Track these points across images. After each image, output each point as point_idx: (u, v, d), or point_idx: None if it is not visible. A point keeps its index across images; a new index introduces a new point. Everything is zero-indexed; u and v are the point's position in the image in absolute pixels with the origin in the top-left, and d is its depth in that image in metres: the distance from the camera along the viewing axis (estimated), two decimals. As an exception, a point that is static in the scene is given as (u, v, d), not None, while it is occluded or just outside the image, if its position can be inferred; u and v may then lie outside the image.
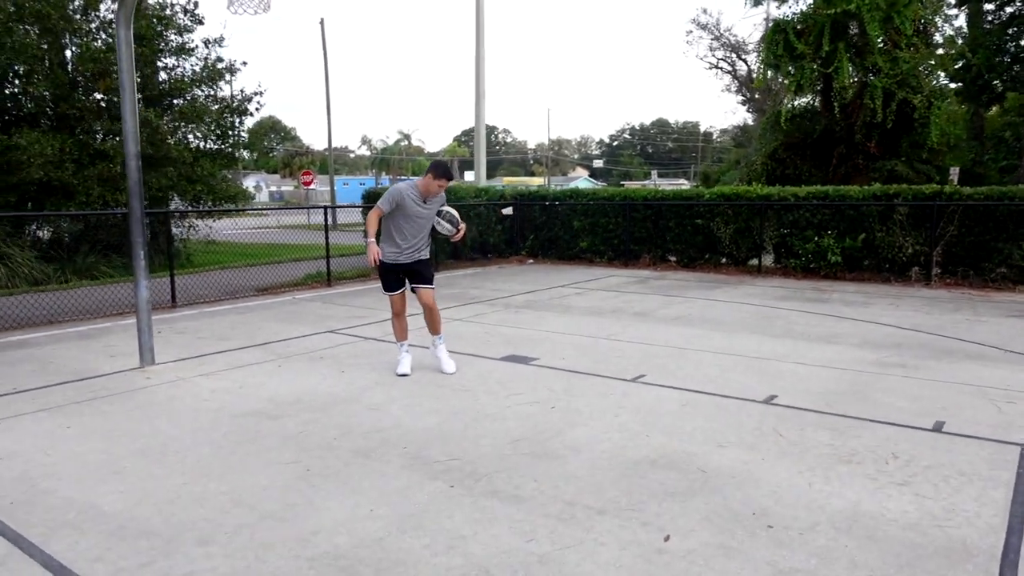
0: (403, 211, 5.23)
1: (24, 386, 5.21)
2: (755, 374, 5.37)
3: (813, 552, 2.75)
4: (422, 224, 5.34)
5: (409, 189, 5.26)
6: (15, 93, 13.78)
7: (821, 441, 3.94)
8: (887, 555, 2.72)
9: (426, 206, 5.30)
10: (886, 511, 3.08)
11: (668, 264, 12.77)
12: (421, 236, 5.38)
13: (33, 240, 13.27)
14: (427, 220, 5.36)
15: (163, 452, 3.87)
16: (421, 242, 5.41)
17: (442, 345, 5.58)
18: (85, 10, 13.81)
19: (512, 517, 3.06)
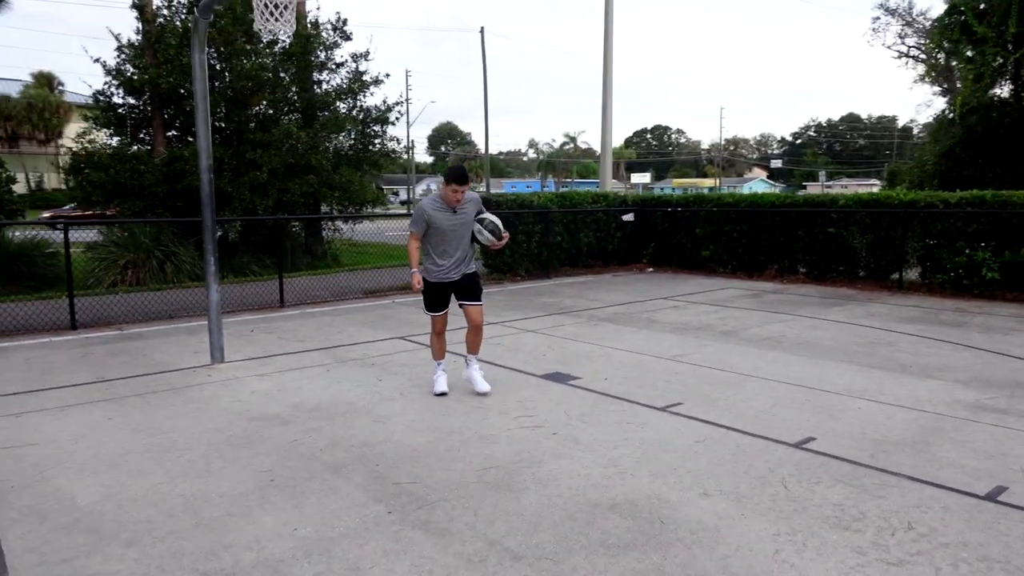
0: (436, 227, 4.98)
1: (107, 376, 5.82)
2: (811, 411, 4.75)
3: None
4: (459, 235, 5.05)
5: (432, 203, 5.04)
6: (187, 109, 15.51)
7: (829, 499, 3.39)
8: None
9: (457, 216, 5.01)
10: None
11: (796, 277, 11.71)
12: (462, 248, 5.09)
13: (197, 241, 14.89)
14: (463, 229, 5.06)
15: (167, 449, 4.13)
16: (465, 254, 5.12)
17: (476, 365, 5.29)
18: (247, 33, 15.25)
19: (422, 552, 2.92)
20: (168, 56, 14.07)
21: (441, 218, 5.00)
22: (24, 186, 40.79)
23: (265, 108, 15.59)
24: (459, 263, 5.10)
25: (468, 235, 5.10)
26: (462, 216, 5.04)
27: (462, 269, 5.11)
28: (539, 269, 12.47)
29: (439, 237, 5.02)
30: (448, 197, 4.97)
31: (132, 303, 8.94)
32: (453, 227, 5.03)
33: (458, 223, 5.04)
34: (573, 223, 13.00)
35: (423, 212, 5.00)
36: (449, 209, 5.01)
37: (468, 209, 5.07)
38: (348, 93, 16.51)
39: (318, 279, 11.66)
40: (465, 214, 5.06)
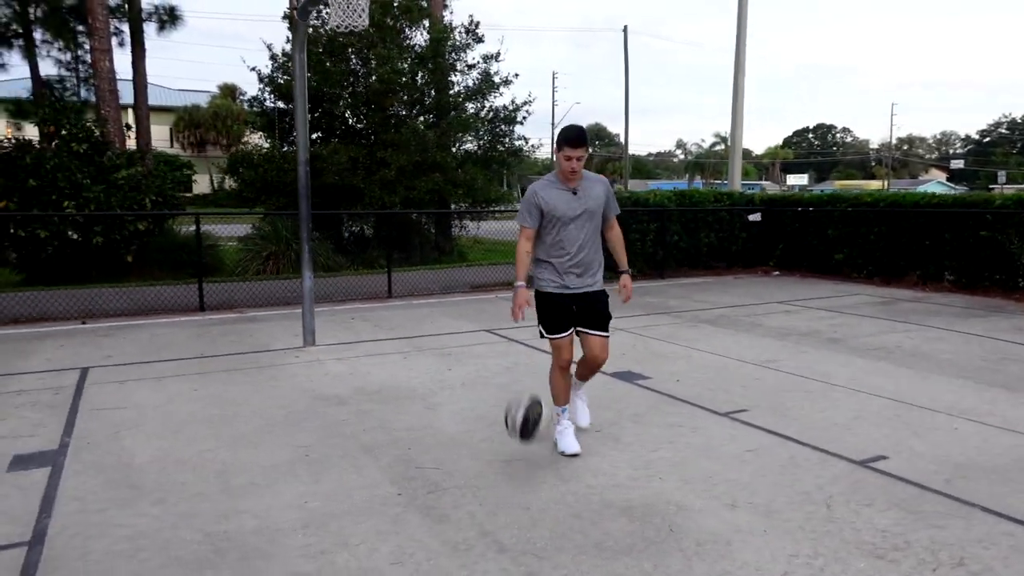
0: (551, 213, 3.72)
1: (208, 353, 6.33)
2: (895, 427, 4.24)
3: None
4: (583, 226, 3.74)
5: (546, 183, 3.80)
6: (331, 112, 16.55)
7: (874, 524, 3.00)
8: None
9: (578, 199, 3.73)
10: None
11: (940, 284, 10.52)
12: (589, 248, 3.79)
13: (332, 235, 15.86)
14: (588, 220, 3.76)
15: (227, 421, 4.42)
16: (591, 257, 3.81)
17: (582, 390, 4.17)
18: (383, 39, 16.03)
19: (412, 535, 2.91)
20: (312, 62, 15.07)
21: (558, 200, 3.72)
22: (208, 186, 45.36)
23: (399, 109, 16.29)
24: (584, 269, 3.78)
25: (596, 229, 3.83)
26: (585, 200, 3.75)
27: (587, 280, 3.79)
28: (653, 269, 12.10)
29: (556, 229, 3.74)
30: (563, 168, 3.68)
31: (261, 290, 9.67)
32: (575, 213, 3.72)
33: (581, 209, 3.73)
34: (692, 222, 12.49)
35: (533, 195, 3.75)
36: (567, 188, 3.74)
37: (594, 192, 3.80)
38: (478, 93, 16.89)
39: (432, 273, 12.04)
40: (590, 198, 3.77)
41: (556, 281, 3.78)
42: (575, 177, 3.71)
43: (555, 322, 3.77)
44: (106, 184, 12.95)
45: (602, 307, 3.81)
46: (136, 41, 16.37)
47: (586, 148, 3.69)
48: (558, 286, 3.77)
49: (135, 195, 13.17)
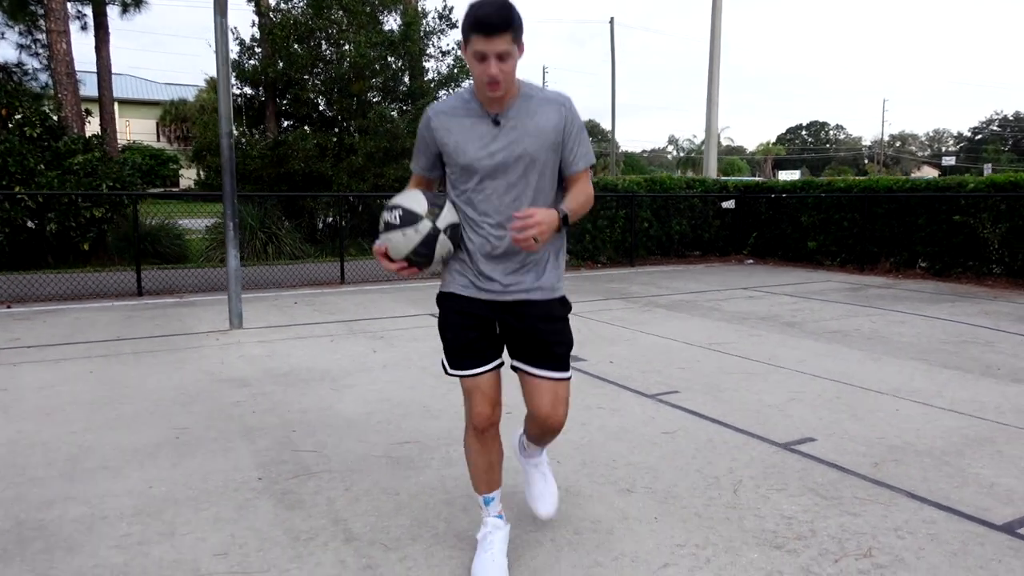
0: (457, 162, 2.11)
1: (125, 335, 5.96)
2: (832, 410, 3.91)
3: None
4: (515, 186, 2.10)
5: (456, 102, 2.13)
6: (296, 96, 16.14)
7: (781, 511, 2.66)
8: None
9: (505, 131, 2.07)
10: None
11: (913, 271, 10.21)
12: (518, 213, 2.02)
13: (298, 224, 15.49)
14: (527, 171, 2.09)
15: (111, 402, 4.06)
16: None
17: (543, 459, 2.53)
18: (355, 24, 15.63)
19: (252, 524, 2.56)
20: (278, 45, 14.69)
21: (467, 135, 2.09)
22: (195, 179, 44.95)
23: (371, 96, 15.90)
24: (520, 260, 2.16)
25: (544, 189, 2.14)
26: (518, 137, 2.07)
27: (523, 280, 2.17)
28: (622, 257, 11.77)
29: (468, 185, 2.13)
30: (476, 76, 2.00)
31: (210, 276, 9.29)
32: (497, 160, 2.07)
33: (509, 155, 2.07)
34: (663, 209, 12.15)
35: (426, 123, 2.15)
36: (485, 115, 2.08)
37: (539, 123, 2.08)
38: (452, 80, 16.50)
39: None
40: (528, 134, 2.08)
41: (465, 276, 2.15)
42: (498, 93, 1.99)
43: (458, 347, 2.16)
44: (61, 170, 12.55)
45: (552, 330, 2.17)
46: (99, 24, 15.91)
47: (516, 40, 1.96)
48: (467, 284, 2.15)
49: (91, 181, 12.76)
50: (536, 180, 2.11)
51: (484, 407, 2.19)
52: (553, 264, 2.22)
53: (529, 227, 1.92)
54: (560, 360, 2.21)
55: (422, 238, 2.05)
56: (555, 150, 2.12)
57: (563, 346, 2.22)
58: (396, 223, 2.04)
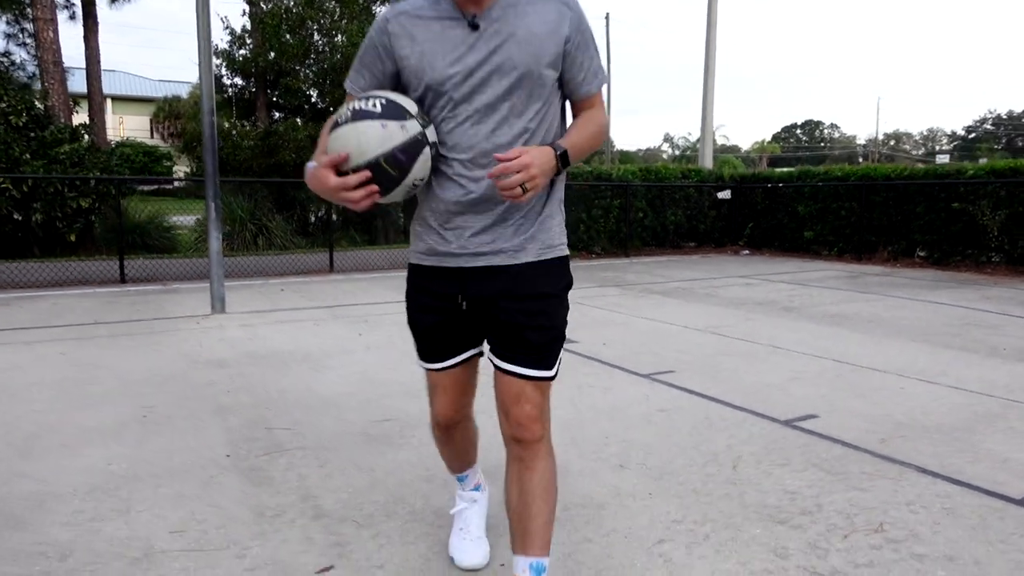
0: (419, 79, 1.56)
1: (104, 320, 5.76)
2: (834, 388, 3.74)
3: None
4: (496, 109, 1.55)
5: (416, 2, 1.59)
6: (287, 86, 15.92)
7: (784, 486, 2.49)
8: None
9: (486, 35, 1.53)
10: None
11: (911, 260, 10.06)
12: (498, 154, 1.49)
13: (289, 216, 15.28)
14: (513, 88, 1.54)
15: (79, 384, 3.86)
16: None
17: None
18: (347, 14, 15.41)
19: (215, 500, 2.37)
20: (268, 35, 14.48)
21: (435, 42, 1.56)
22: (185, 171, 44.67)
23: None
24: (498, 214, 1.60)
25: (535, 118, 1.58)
26: (503, 42, 1.53)
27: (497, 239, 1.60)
28: (617, 247, 11.59)
29: (433, 109, 1.58)
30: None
31: (198, 265, 9.08)
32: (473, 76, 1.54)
33: (489, 65, 1.54)
34: (659, 199, 11.98)
35: (382, 26, 1.60)
36: (459, 16, 1.55)
37: (531, 24, 1.54)
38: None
39: (382, 251, 11.49)
40: (516, 40, 1.53)
41: (426, 240, 1.66)
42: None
43: (418, 335, 1.77)
44: (46, 160, 12.33)
45: (529, 309, 1.60)
46: (87, 14, 15.68)
47: None
48: (428, 250, 1.66)
49: (77, 171, 12.54)
50: (525, 103, 1.54)
51: (445, 407, 1.81)
52: (544, 215, 1.61)
53: (515, 170, 1.42)
54: (535, 352, 1.57)
55: (407, 139, 1.46)
56: (553, 65, 1.56)
57: (543, 333, 1.58)
58: (375, 111, 1.46)
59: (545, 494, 1.64)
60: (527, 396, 1.61)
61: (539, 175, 1.46)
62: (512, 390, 1.62)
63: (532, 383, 1.61)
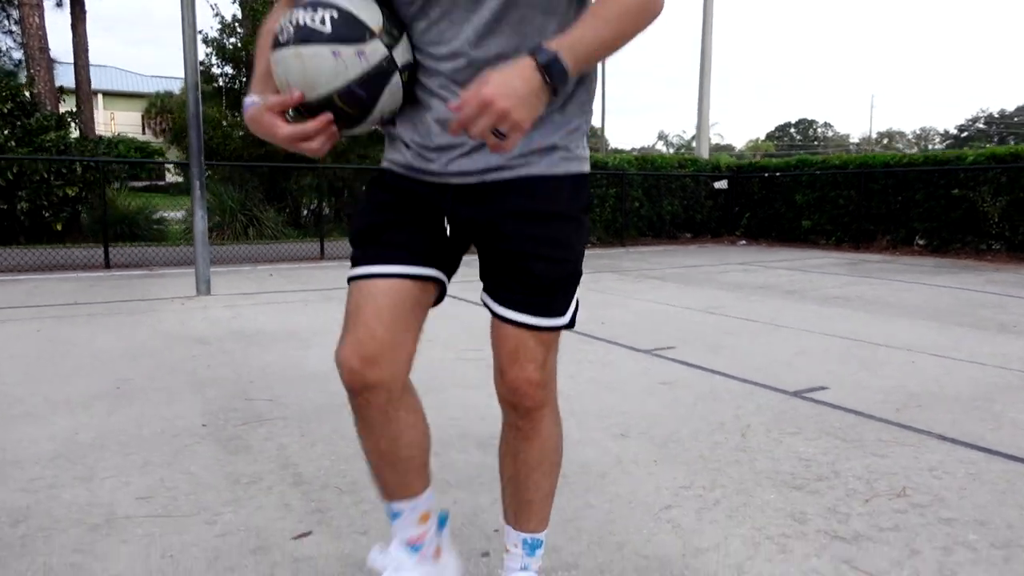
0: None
1: (83, 300, 5.57)
2: (843, 362, 3.59)
3: None
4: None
5: None
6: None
7: (797, 453, 2.33)
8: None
9: None
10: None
11: (911, 248, 9.95)
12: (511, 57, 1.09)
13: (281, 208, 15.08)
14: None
15: (52, 359, 3.68)
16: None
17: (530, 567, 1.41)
18: None
19: (186, 467, 2.20)
20: (257, 20, 14.27)
21: None
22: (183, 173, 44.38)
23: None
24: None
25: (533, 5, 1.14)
26: None
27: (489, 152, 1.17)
28: (613, 237, 11.44)
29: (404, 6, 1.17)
30: None
31: (185, 252, 8.88)
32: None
33: None
34: (655, 188, 11.83)
35: None
36: None
37: None
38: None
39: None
40: None
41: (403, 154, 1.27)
42: None
43: (361, 229, 1.29)
44: (32, 147, 12.09)
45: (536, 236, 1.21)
46: (75, 1, 15.44)
47: None
48: (404, 164, 1.27)
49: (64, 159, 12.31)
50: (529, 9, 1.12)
51: (363, 341, 1.19)
52: (560, 121, 1.21)
53: (473, 116, 0.98)
54: (543, 291, 1.21)
55: (368, 69, 1.11)
56: None
57: (553, 265, 1.21)
58: (323, 31, 1.09)
59: (546, 467, 1.36)
60: (528, 352, 1.23)
61: (513, 107, 0.98)
62: (508, 344, 1.24)
63: (535, 335, 1.23)
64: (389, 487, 1.32)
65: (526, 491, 1.36)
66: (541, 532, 1.40)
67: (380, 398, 1.22)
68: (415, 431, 1.30)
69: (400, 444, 1.27)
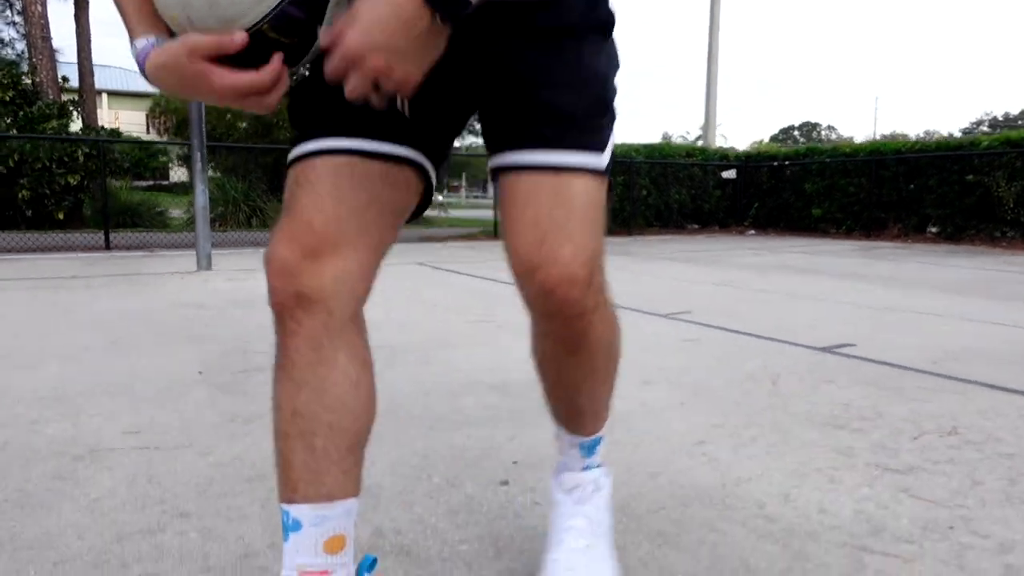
0: None
1: (83, 275, 5.44)
2: (870, 325, 3.43)
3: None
4: None
5: None
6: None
7: (834, 399, 2.18)
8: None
9: None
10: (788, 504, 1.43)
11: (923, 236, 9.78)
12: None
13: (284, 198, 15.00)
14: None
15: (46, 319, 3.54)
16: None
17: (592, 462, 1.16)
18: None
19: (178, 408, 2.06)
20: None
21: None
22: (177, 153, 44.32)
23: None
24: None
25: None
26: None
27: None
28: (620, 226, 11.28)
29: None
30: None
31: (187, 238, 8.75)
32: None
33: None
34: (662, 177, 11.68)
35: None
36: None
37: None
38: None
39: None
40: None
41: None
42: None
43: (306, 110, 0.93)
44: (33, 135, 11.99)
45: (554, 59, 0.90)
46: (78, -8, 15.35)
47: None
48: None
49: (65, 147, 12.21)
50: None
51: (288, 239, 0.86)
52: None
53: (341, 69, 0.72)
54: (560, 122, 0.89)
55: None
56: None
57: (573, 91, 0.90)
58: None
59: (600, 375, 1.06)
60: (555, 222, 0.86)
61: (390, 62, 0.72)
62: (526, 213, 0.88)
63: (567, 187, 0.87)
64: (292, 474, 0.86)
65: (575, 402, 1.09)
66: (599, 433, 1.14)
67: (315, 321, 0.86)
68: (352, 389, 0.89)
69: (326, 400, 0.87)
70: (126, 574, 1.14)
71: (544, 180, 0.87)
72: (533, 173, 0.88)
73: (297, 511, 0.86)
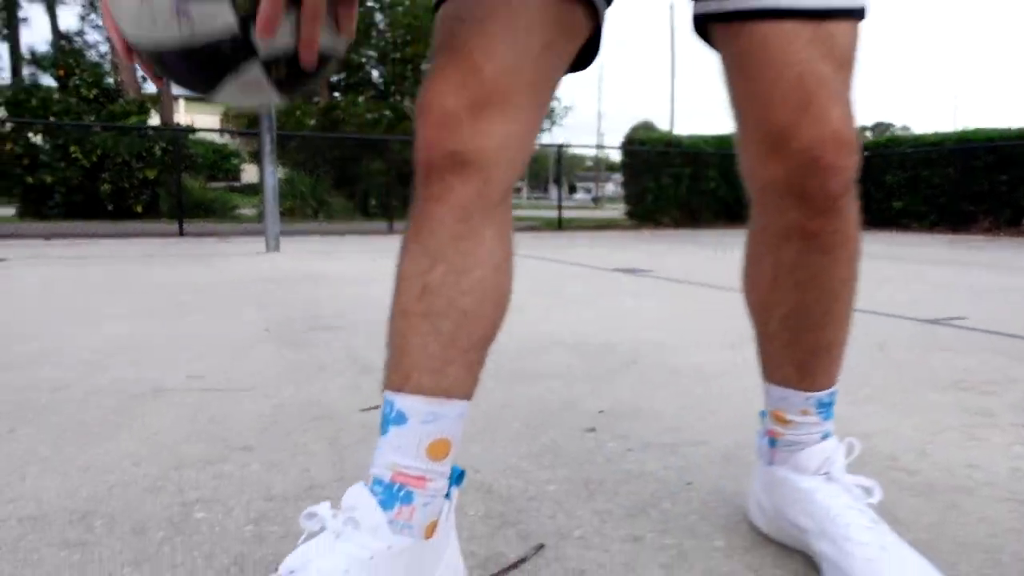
0: None
1: (157, 255, 5.54)
2: (978, 301, 3.14)
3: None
4: None
5: None
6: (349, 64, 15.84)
7: (953, 364, 1.95)
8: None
9: None
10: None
11: (1017, 229, 9.13)
12: None
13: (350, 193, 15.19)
14: None
15: (121, 288, 3.58)
16: None
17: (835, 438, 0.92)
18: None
19: (249, 357, 1.98)
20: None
21: None
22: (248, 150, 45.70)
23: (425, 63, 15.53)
24: None
25: None
26: None
27: None
28: (688, 219, 10.97)
29: None
30: None
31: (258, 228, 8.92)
32: None
33: None
34: (733, 169, 11.25)
35: None
36: None
37: None
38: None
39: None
40: None
41: None
42: None
43: None
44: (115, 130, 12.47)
45: None
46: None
47: None
48: None
49: (144, 142, 12.66)
50: None
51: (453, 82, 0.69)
52: None
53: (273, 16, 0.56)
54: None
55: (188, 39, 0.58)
56: None
57: None
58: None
59: (852, 286, 0.90)
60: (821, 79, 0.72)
61: None
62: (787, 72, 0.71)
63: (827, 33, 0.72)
64: (406, 360, 0.74)
65: (822, 332, 0.89)
66: (834, 385, 0.95)
67: (468, 188, 0.71)
68: (494, 274, 0.75)
69: (464, 282, 0.73)
70: (183, 499, 1.04)
71: (804, 29, 0.71)
72: (789, 21, 0.71)
73: (405, 402, 0.72)
